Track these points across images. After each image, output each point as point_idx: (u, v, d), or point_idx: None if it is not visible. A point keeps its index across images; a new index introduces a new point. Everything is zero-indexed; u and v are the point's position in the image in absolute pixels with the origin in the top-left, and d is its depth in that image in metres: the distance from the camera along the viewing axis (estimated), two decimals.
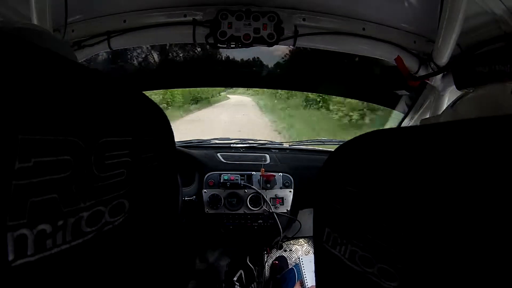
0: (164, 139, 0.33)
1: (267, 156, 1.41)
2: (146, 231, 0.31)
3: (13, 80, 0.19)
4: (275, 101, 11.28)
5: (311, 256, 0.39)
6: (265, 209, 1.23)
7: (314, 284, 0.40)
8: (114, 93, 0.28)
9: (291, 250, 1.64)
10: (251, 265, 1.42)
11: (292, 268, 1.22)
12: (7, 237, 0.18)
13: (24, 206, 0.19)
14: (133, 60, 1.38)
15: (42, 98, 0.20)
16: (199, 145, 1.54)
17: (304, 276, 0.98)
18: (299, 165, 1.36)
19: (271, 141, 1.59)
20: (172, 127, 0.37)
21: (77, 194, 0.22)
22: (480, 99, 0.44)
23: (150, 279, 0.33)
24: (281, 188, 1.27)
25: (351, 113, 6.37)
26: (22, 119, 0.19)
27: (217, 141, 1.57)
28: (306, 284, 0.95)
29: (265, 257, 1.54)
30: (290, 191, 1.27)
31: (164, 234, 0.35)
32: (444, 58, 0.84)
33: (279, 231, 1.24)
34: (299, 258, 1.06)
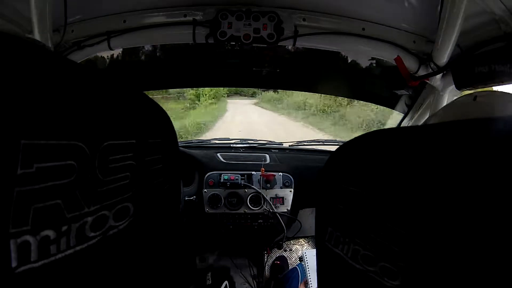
0: (168, 141, 0.33)
1: (267, 156, 1.41)
2: (150, 234, 0.31)
3: (15, 83, 0.18)
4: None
5: (314, 250, 0.40)
6: (265, 209, 1.23)
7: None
8: (117, 95, 0.27)
9: (291, 250, 1.64)
10: (233, 277, 1.41)
11: (295, 267, 1.22)
12: (10, 244, 0.18)
13: (27, 212, 0.19)
14: (132, 60, 1.37)
15: (44, 101, 0.20)
16: (199, 145, 1.54)
17: (309, 276, 0.97)
18: (299, 165, 1.36)
19: (270, 141, 1.59)
20: None
21: (81, 199, 0.22)
22: (447, 112, 0.43)
23: (154, 281, 0.33)
24: (281, 187, 1.27)
25: None
26: (24, 124, 0.19)
27: (217, 141, 1.57)
28: (310, 285, 0.94)
29: (265, 257, 1.54)
30: (290, 191, 1.27)
31: (167, 236, 0.35)
32: (444, 58, 0.84)
33: (279, 230, 1.24)
34: (304, 253, 1.05)
